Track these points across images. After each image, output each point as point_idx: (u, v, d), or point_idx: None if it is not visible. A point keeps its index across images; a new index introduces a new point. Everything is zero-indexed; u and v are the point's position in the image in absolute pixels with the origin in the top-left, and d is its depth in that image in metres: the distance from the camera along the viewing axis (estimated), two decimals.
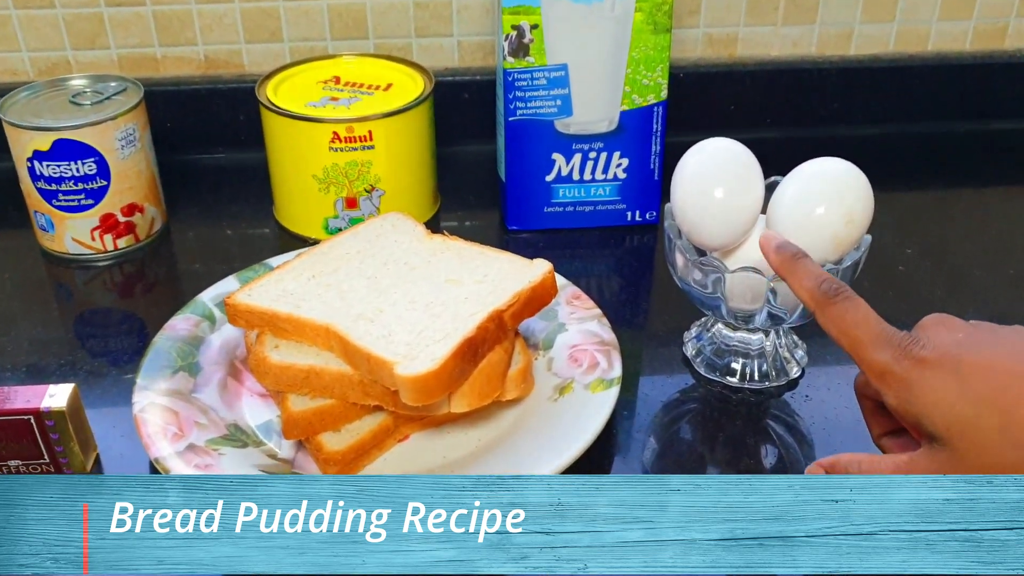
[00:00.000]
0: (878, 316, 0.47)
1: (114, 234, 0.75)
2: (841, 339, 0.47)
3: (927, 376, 0.43)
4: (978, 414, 0.42)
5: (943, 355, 0.43)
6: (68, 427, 0.53)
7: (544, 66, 0.72)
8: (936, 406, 0.43)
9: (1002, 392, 0.42)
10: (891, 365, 0.44)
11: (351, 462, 0.54)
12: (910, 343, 0.44)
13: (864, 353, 0.46)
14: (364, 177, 0.74)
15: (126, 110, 0.72)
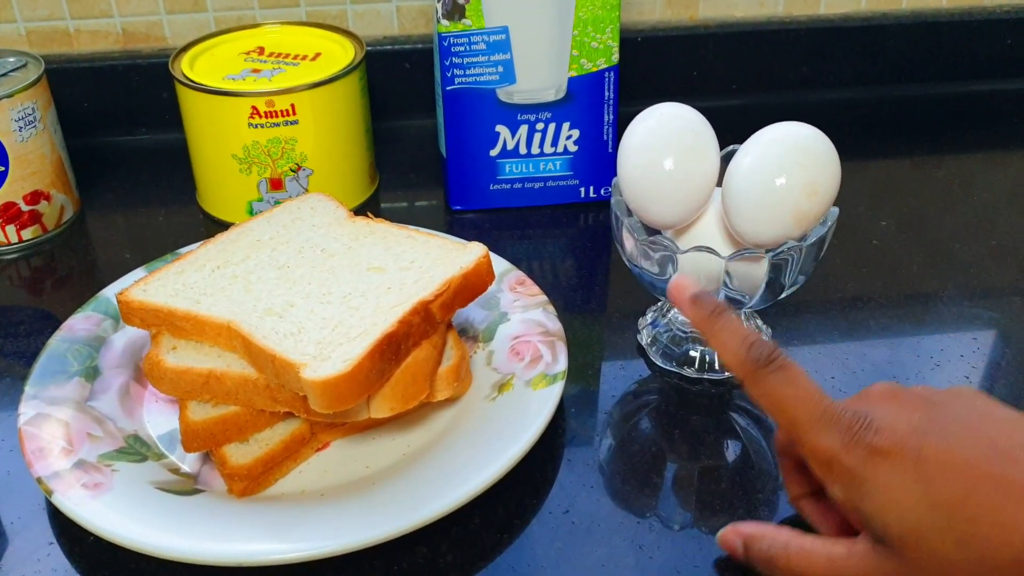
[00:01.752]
0: (819, 388, 0.40)
1: (17, 224, 0.68)
2: (777, 416, 0.40)
3: (882, 470, 0.37)
4: (937, 523, 0.36)
5: (901, 445, 0.37)
6: None
7: (482, 29, 0.66)
8: (891, 507, 0.37)
9: (966, 498, 0.36)
10: (839, 454, 0.38)
11: (259, 476, 0.48)
12: (861, 428, 0.38)
13: (805, 436, 0.39)
14: (288, 155, 0.68)
15: (23, 87, 0.66)
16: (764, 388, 0.40)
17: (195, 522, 0.45)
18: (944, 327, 0.61)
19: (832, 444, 0.38)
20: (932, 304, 0.63)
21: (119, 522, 0.45)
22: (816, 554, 0.40)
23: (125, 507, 0.46)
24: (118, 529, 0.44)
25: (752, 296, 0.52)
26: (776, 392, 0.40)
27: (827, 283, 0.65)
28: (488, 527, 0.48)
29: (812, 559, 0.40)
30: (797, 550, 0.40)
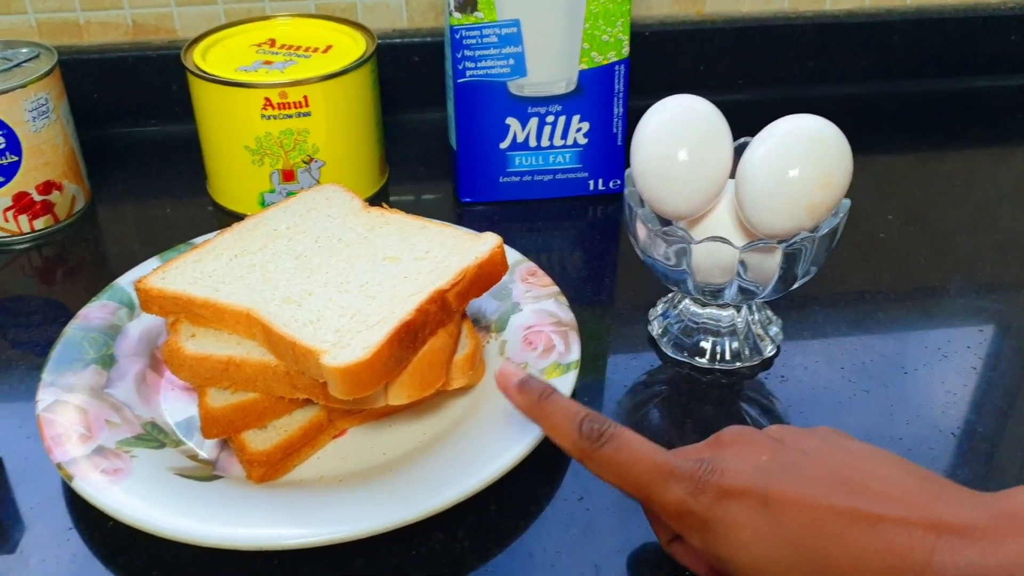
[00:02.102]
0: (654, 446, 0.41)
1: (30, 214, 0.69)
2: (621, 485, 0.41)
3: (731, 512, 0.38)
4: (788, 559, 0.36)
5: (746, 485, 0.38)
6: None
7: (494, 21, 0.66)
8: (743, 547, 0.37)
9: (814, 529, 0.36)
10: (688, 503, 0.38)
11: (278, 462, 0.49)
12: (704, 472, 0.39)
13: (653, 495, 0.40)
14: (301, 147, 0.68)
15: (36, 77, 0.66)
16: (601, 461, 0.41)
17: (214, 507, 0.46)
18: (950, 319, 0.62)
19: (679, 495, 0.39)
20: (938, 297, 0.64)
21: (139, 507, 0.45)
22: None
23: (144, 492, 0.46)
24: (138, 514, 0.45)
25: (765, 286, 0.52)
26: (614, 461, 0.40)
27: (834, 275, 0.65)
28: (504, 514, 0.48)
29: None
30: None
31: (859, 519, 0.36)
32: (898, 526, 0.35)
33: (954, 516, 0.35)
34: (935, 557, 0.34)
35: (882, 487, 0.37)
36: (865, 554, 0.35)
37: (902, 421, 0.54)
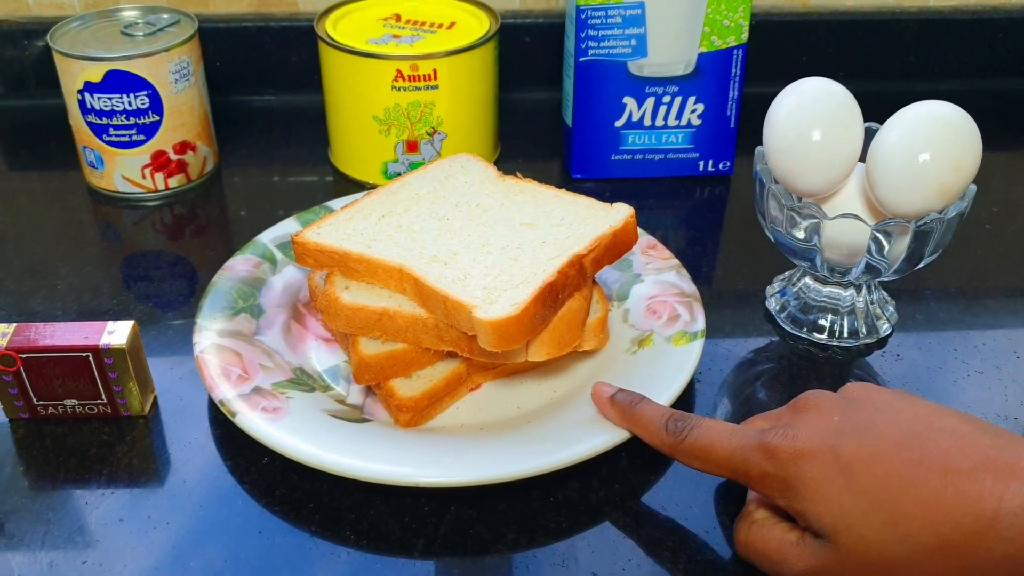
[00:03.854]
0: (731, 426, 0.44)
1: (165, 172, 0.72)
2: (710, 468, 0.44)
3: (806, 469, 0.40)
4: (862, 509, 0.39)
5: (818, 446, 0.40)
6: (128, 365, 0.51)
7: (619, 3, 0.68)
8: (819, 501, 0.40)
9: (886, 482, 0.39)
10: (767, 468, 0.41)
11: (424, 409, 0.52)
12: (779, 439, 0.41)
13: (738, 468, 0.43)
14: (426, 119, 0.71)
15: (180, 42, 0.69)
16: (686, 451, 0.45)
17: (368, 446, 0.48)
18: None
19: (758, 463, 0.42)
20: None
21: (298, 443, 0.48)
22: (772, 536, 0.43)
23: (302, 430, 0.49)
24: (299, 450, 0.48)
25: (892, 265, 0.54)
26: (696, 448, 0.44)
27: (945, 262, 0.67)
28: (635, 468, 0.51)
29: (767, 540, 0.43)
30: (759, 528, 0.44)
31: (929, 470, 0.38)
32: (967, 475, 0.37)
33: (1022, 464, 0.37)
34: (1004, 503, 0.37)
35: (951, 440, 0.39)
36: (936, 503, 0.38)
37: (1016, 402, 0.55)
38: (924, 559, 0.38)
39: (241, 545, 0.46)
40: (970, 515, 0.37)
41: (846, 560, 0.40)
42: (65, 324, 0.51)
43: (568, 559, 0.46)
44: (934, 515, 0.37)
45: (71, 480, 0.50)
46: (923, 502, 0.38)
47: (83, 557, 0.46)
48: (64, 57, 0.68)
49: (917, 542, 0.38)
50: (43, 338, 0.50)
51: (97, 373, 0.51)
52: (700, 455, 0.44)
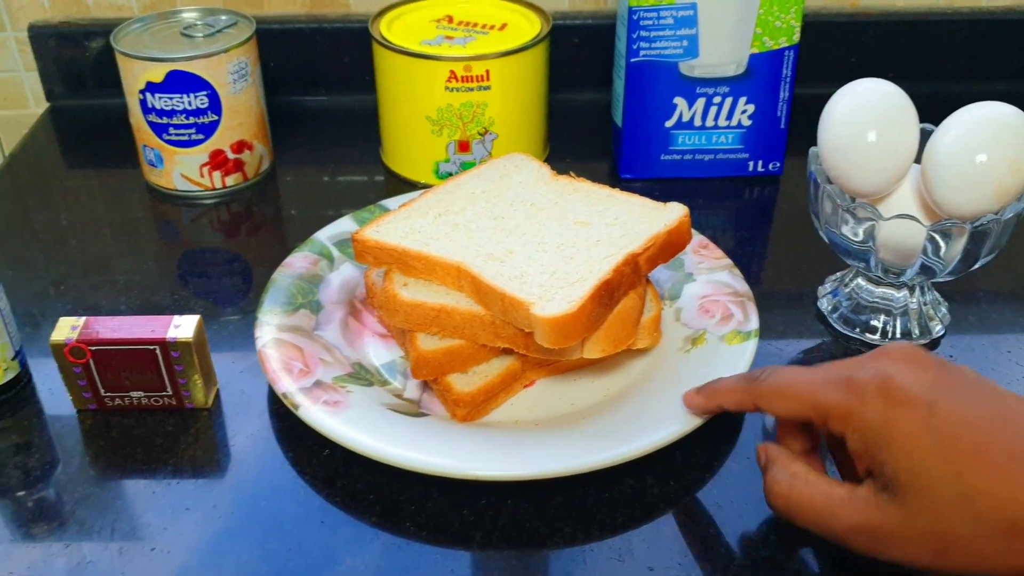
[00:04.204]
0: (811, 367, 0.44)
1: (223, 171, 0.74)
2: (789, 406, 0.43)
3: (899, 420, 0.39)
4: (945, 474, 0.38)
5: (917, 398, 0.39)
6: (193, 359, 0.52)
7: (672, 4, 0.69)
8: (905, 454, 0.38)
9: (976, 454, 0.37)
10: (854, 408, 0.40)
11: (480, 404, 0.53)
12: (867, 372, 0.40)
13: (820, 402, 0.42)
14: (479, 119, 0.72)
15: (239, 43, 0.71)
16: (765, 392, 0.45)
17: (427, 440, 0.49)
18: None
19: (846, 401, 0.41)
20: None
21: (360, 436, 0.49)
22: (818, 490, 0.42)
23: (363, 423, 0.50)
24: (361, 442, 0.49)
25: (946, 266, 0.54)
26: (779, 384, 0.44)
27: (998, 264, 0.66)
28: (689, 466, 0.51)
29: (813, 493, 0.42)
30: (803, 482, 0.42)
31: (1017, 456, 0.37)
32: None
33: None
34: None
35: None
36: (1018, 484, 0.36)
37: None
38: (986, 539, 0.37)
39: (304, 535, 0.47)
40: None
41: (907, 522, 0.38)
42: (133, 318, 0.53)
43: (624, 554, 0.47)
44: (1013, 499, 0.36)
45: (138, 470, 0.51)
46: (1006, 483, 0.37)
47: (151, 544, 0.47)
48: (126, 58, 0.69)
49: (987, 522, 0.37)
50: (112, 331, 0.52)
51: (163, 366, 0.52)
52: (780, 392, 0.43)
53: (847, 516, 0.40)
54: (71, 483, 0.51)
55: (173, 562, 0.46)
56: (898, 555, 0.39)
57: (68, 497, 0.50)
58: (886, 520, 0.39)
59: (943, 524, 0.37)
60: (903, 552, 0.39)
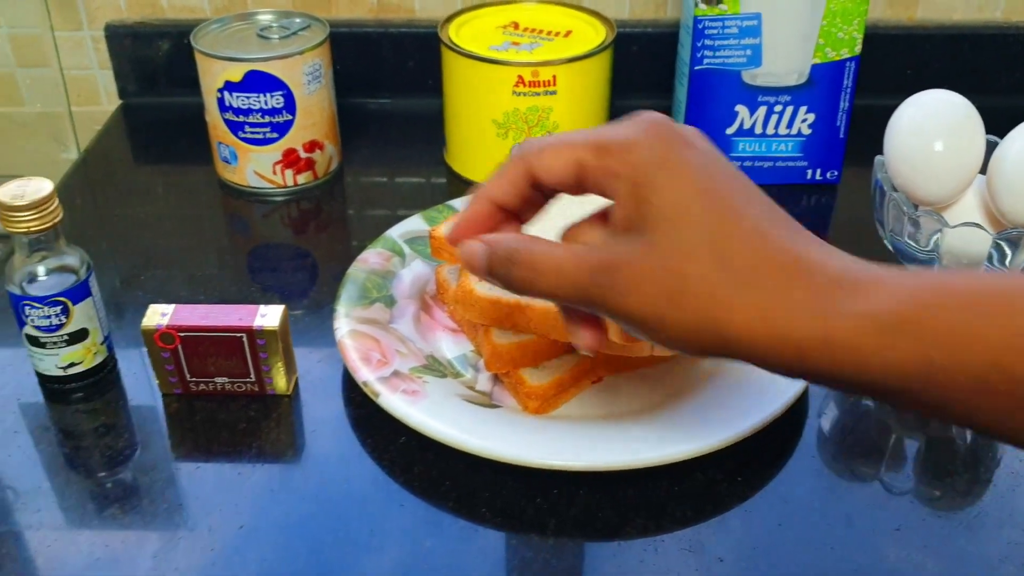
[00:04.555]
0: None
1: (295, 169, 0.76)
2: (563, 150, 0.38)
3: (679, 154, 0.36)
4: (706, 210, 0.35)
5: (699, 143, 0.37)
6: (278, 347, 0.54)
7: (737, 14, 0.70)
8: (674, 188, 0.35)
9: (741, 193, 0.36)
10: (639, 137, 0.36)
11: (551, 398, 0.54)
12: (657, 120, 0.37)
13: (598, 138, 0.37)
14: (543, 123, 0.74)
15: (314, 45, 0.73)
16: (538, 145, 0.39)
17: (501, 430, 0.51)
18: None
19: (635, 134, 0.37)
20: None
21: (439, 425, 0.51)
22: (558, 249, 0.38)
23: (440, 412, 0.52)
24: (441, 430, 0.51)
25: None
26: (553, 138, 0.39)
27: None
28: (756, 461, 0.53)
29: (562, 258, 0.37)
30: (543, 248, 0.38)
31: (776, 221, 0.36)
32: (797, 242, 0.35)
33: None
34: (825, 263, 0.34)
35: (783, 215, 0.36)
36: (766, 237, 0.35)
37: None
38: (723, 285, 0.34)
39: (385, 517, 0.49)
40: (799, 262, 0.34)
41: (650, 256, 0.35)
42: (219, 306, 0.55)
43: (695, 545, 0.48)
44: (766, 250, 0.34)
45: (223, 452, 0.53)
46: (763, 234, 0.35)
47: (239, 522, 0.49)
48: (206, 57, 0.72)
49: (730, 266, 0.34)
50: (200, 318, 0.54)
51: (249, 353, 0.54)
52: (557, 141, 0.38)
53: (590, 258, 0.37)
54: (158, 463, 0.53)
55: (261, 539, 0.48)
56: (633, 300, 0.36)
57: (156, 476, 0.52)
58: (630, 254, 0.36)
59: (687, 263, 0.35)
60: (639, 294, 0.35)
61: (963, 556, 0.48)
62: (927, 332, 0.32)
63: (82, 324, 0.55)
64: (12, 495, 0.51)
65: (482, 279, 0.40)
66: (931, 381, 0.32)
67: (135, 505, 0.50)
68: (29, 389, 0.58)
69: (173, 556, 0.47)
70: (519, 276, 0.38)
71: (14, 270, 0.55)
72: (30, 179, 0.53)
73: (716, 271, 0.34)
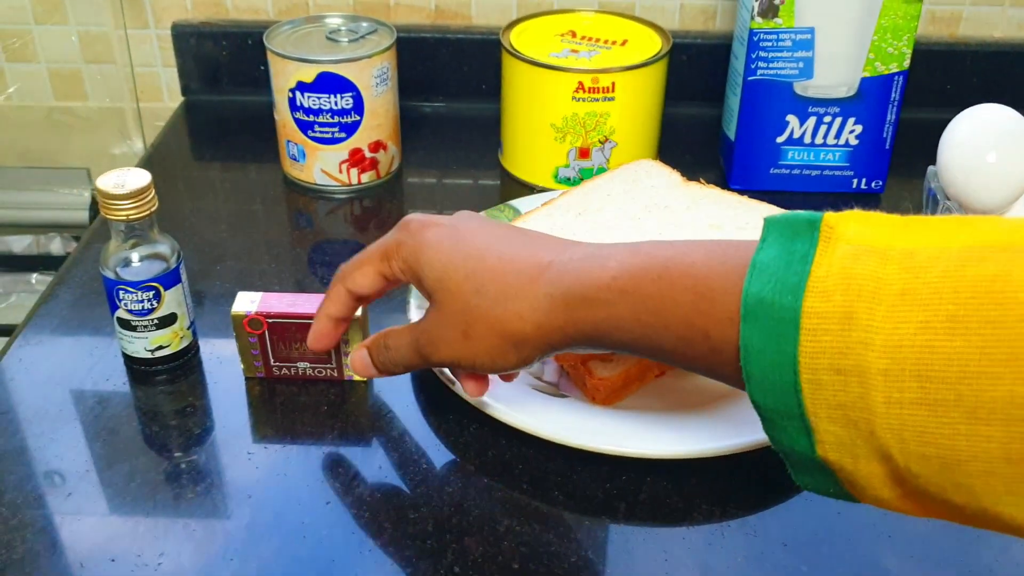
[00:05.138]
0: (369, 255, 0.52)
1: (360, 168, 0.79)
2: (364, 266, 0.52)
3: (429, 235, 0.48)
4: (457, 265, 0.47)
5: (442, 221, 0.49)
6: (359, 334, 0.57)
7: (791, 28, 0.73)
8: (434, 259, 0.48)
9: (475, 243, 0.47)
10: (401, 237, 0.50)
11: (618, 389, 0.57)
12: (412, 219, 0.50)
13: (381, 248, 0.51)
14: (600, 128, 0.77)
15: (383, 49, 0.76)
16: (345, 271, 0.53)
17: (572, 418, 0.54)
18: None
19: (398, 236, 0.50)
20: None
21: (513, 412, 0.54)
22: (403, 331, 0.51)
23: (511, 400, 0.55)
24: (515, 417, 0.53)
25: None
26: (352, 262, 0.53)
27: None
28: None
29: (401, 336, 0.51)
30: (394, 337, 0.52)
31: (511, 241, 0.48)
32: (537, 245, 0.47)
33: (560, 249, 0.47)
34: (557, 258, 0.45)
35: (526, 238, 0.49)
36: (510, 259, 0.46)
37: None
38: (489, 307, 0.45)
39: (464, 497, 0.52)
40: (532, 266, 0.45)
41: (441, 314, 0.47)
42: (304, 295, 0.58)
43: (759, 530, 0.51)
44: (505, 268, 0.46)
45: (306, 433, 0.56)
46: (500, 258, 0.46)
47: (326, 498, 0.52)
48: (279, 58, 0.75)
49: (488, 292, 0.45)
50: (287, 306, 0.57)
51: None
52: (355, 263, 0.52)
53: (412, 333, 0.50)
54: (243, 443, 0.56)
55: (348, 515, 0.51)
56: (445, 350, 0.48)
57: (238, 456, 0.55)
58: (431, 321, 0.48)
59: (461, 303, 0.46)
60: (445, 344, 0.48)
61: (1012, 544, 0.50)
62: (637, 298, 0.41)
63: (171, 309, 0.58)
64: (101, 472, 0.54)
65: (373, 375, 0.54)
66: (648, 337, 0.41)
67: (217, 483, 0.53)
68: (117, 371, 0.61)
69: (260, 529, 0.50)
70: (388, 359, 0.52)
71: (109, 256, 0.57)
72: (129, 169, 0.56)
73: (480, 300, 0.46)
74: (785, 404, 0.35)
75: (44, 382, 0.60)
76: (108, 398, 0.59)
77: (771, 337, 0.34)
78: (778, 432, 0.36)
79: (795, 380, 0.34)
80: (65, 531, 0.50)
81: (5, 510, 0.51)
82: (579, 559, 0.49)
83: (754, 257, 0.36)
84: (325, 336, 0.55)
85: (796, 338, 0.33)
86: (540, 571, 0.48)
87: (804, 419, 0.34)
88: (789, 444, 0.36)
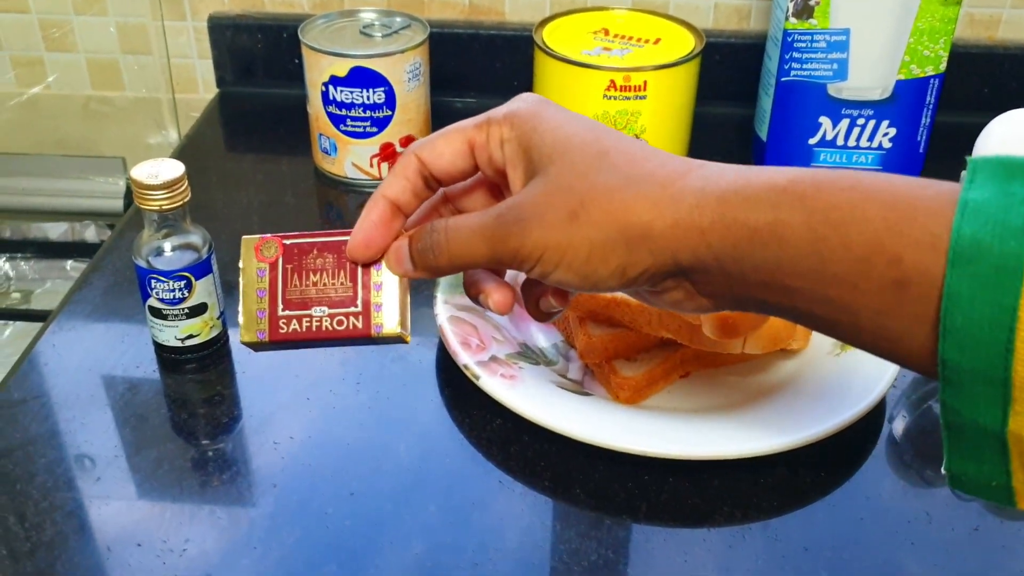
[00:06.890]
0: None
1: (391, 163, 0.79)
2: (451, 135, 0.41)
3: (547, 106, 0.40)
4: (585, 134, 0.38)
5: (555, 102, 0.41)
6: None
7: (826, 29, 0.73)
8: (553, 128, 0.38)
9: (610, 131, 0.39)
10: (512, 107, 0.40)
11: (642, 389, 0.57)
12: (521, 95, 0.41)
13: (477, 120, 0.40)
14: (631, 126, 0.77)
15: (415, 44, 0.76)
16: (428, 139, 0.42)
17: (595, 416, 0.54)
18: None
19: (507, 107, 0.40)
20: None
21: (536, 408, 0.54)
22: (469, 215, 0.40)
23: (536, 396, 0.55)
24: (539, 414, 0.53)
25: None
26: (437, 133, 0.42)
27: None
28: (837, 459, 0.55)
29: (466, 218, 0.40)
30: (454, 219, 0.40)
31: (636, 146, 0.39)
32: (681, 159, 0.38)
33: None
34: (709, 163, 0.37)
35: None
36: (655, 153, 0.38)
37: None
38: (621, 184, 0.37)
39: (485, 493, 0.52)
40: (681, 162, 0.37)
41: (549, 186, 0.38)
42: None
43: (780, 534, 0.51)
44: (647, 154, 0.38)
45: (331, 425, 0.57)
46: (643, 147, 0.38)
47: (350, 489, 0.52)
48: (313, 52, 0.75)
49: (620, 169, 0.37)
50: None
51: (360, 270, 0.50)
52: (440, 134, 0.42)
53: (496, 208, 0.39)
54: (267, 432, 0.56)
55: (370, 505, 0.51)
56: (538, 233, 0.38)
57: (266, 444, 0.55)
58: (529, 193, 0.38)
59: (580, 176, 0.37)
60: (542, 225, 0.38)
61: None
62: (817, 205, 0.33)
63: (202, 299, 0.59)
64: (130, 457, 0.55)
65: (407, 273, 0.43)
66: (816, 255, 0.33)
67: (243, 471, 0.54)
68: (148, 358, 0.61)
69: (284, 518, 0.51)
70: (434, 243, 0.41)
71: (142, 245, 0.58)
72: (163, 160, 0.57)
73: (607, 177, 0.37)
74: (989, 365, 0.29)
75: (76, 368, 0.61)
76: (138, 385, 0.60)
77: (986, 286, 0.29)
78: (962, 399, 0.31)
79: (1009, 338, 0.29)
80: (94, 514, 0.51)
81: (36, 492, 0.52)
82: (599, 557, 0.49)
83: (963, 195, 0.30)
84: (375, 229, 0.42)
85: (1019, 289, 0.29)
86: (560, 569, 0.49)
87: (1007, 385, 0.29)
88: (971, 414, 0.31)
